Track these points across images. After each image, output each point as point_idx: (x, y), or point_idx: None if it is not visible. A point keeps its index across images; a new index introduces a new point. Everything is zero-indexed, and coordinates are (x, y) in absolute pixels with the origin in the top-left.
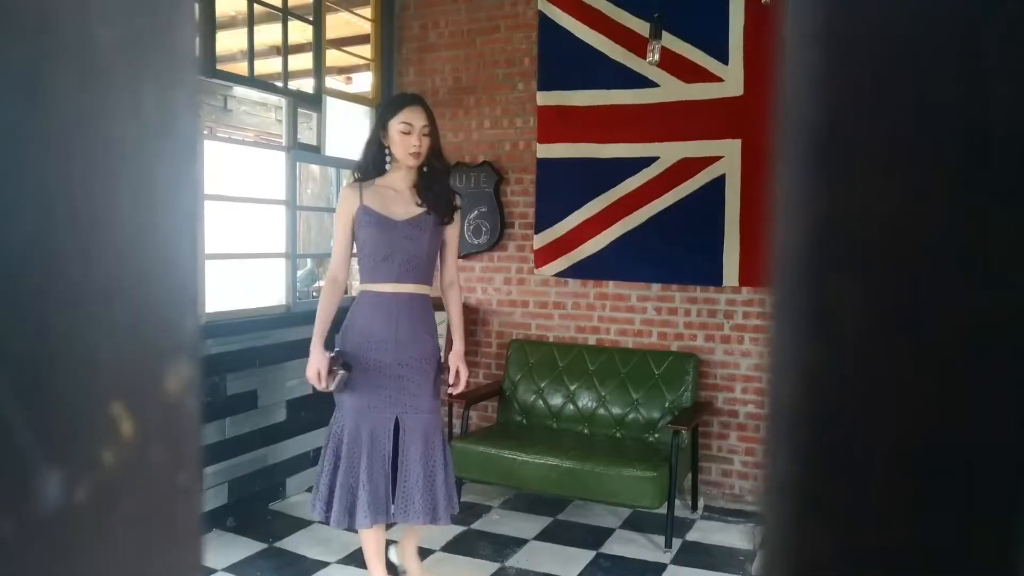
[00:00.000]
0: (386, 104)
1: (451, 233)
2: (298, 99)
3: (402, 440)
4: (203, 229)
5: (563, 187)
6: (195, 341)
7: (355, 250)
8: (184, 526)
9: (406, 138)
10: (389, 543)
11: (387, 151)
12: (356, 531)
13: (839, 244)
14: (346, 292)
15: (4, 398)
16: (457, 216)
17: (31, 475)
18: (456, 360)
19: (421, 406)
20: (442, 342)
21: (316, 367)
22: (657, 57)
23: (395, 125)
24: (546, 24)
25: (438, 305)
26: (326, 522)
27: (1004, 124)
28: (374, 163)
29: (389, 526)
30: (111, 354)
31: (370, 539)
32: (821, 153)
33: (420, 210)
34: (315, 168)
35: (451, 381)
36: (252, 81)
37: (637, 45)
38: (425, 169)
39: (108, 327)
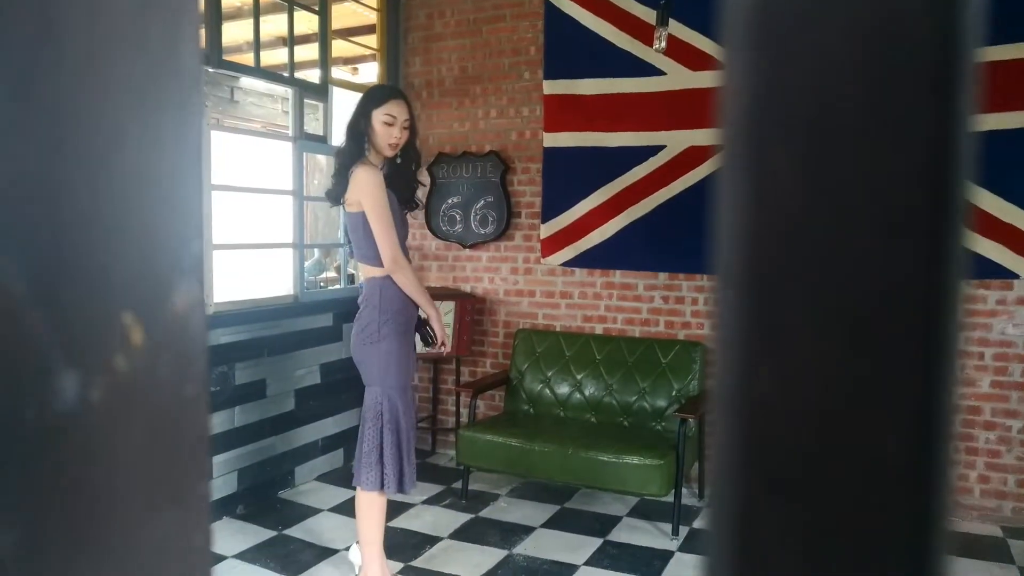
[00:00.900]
0: (368, 94)
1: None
2: (304, 89)
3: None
4: (210, 216)
5: (570, 176)
6: (199, 264)
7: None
8: (191, 434)
9: (388, 129)
10: (403, 532)
11: (366, 140)
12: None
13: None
14: (353, 281)
15: (25, 302)
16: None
17: (50, 372)
18: (436, 324)
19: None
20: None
21: (438, 320)
22: (664, 44)
23: (378, 116)
24: (552, 12)
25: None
26: (400, 492)
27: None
28: (356, 149)
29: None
30: (122, 269)
31: (382, 510)
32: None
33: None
34: (322, 160)
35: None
36: (258, 71)
37: (643, 33)
38: (398, 160)
39: (119, 245)
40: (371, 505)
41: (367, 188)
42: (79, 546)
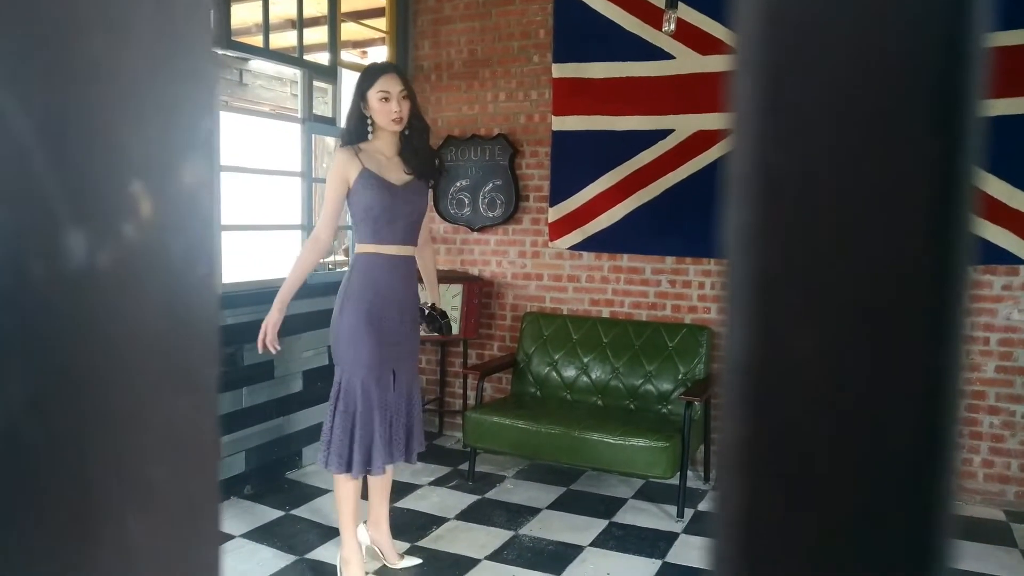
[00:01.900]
0: (361, 75)
1: (430, 196)
2: (313, 71)
3: (396, 389)
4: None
5: (578, 160)
6: (209, 142)
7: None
8: (202, 314)
9: (386, 105)
10: (406, 511)
11: (368, 120)
12: (345, 478)
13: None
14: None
15: (30, 143)
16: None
17: (58, 228)
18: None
19: (409, 358)
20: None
21: (273, 323)
22: (673, 27)
23: (373, 95)
24: None
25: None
26: (346, 472)
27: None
28: (357, 132)
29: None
30: (131, 135)
31: (351, 494)
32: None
33: (411, 176)
34: (331, 143)
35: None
36: (267, 53)
37: (653, 17)
38: (407, 133)
39: (130, 109)
40: (335, 486)
41: (329, 170)
42: (84, 410)
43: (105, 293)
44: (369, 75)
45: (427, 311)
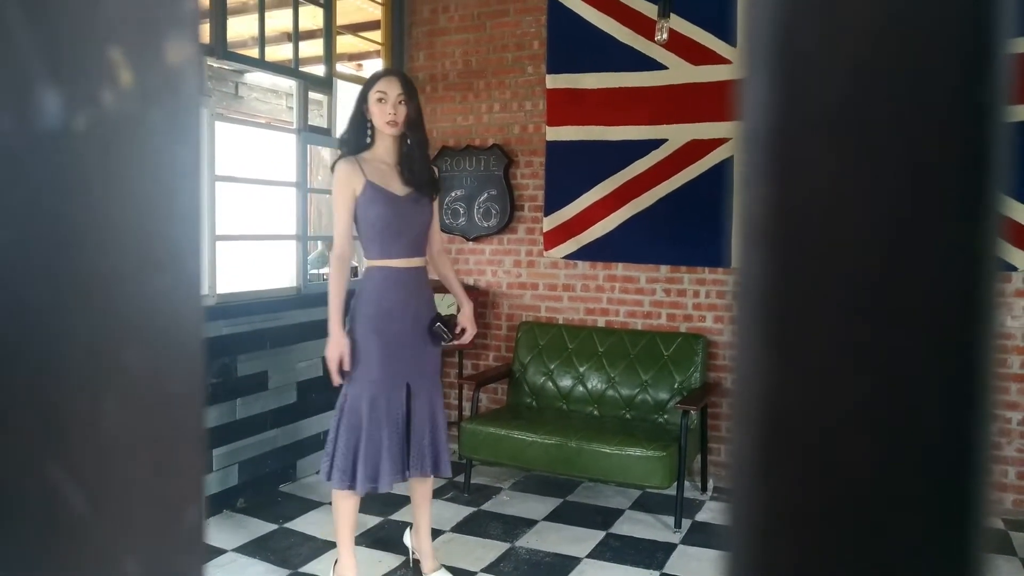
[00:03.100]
0: (365, 82)
1: (434, 205)
2: (309, 82)
3: (412, 403)
4: (213, 207)
5: (572, 169)
6: (194, 22)
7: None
8: (183, 200)
9: (382, 106)
10: (406, 525)
11: (369, 125)
12: (345, 495)
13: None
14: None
15: (8, 7)
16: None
17: (31, 83)
18: (466, 321)
19: (427, 371)
20: None
21: (340, 349)
22: (665, 36)
23: (372, 96)
24: (555, 8)
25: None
26: (350, 489)
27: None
28: (356, 137)
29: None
30: (113, 2)
31: (350, 509)
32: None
33: (407, 186)
34: (326, 155)
35: (465, 341)
36: (263, 63)
37: (646, 28)
38: (408, 142)
39: None
40: (334, 500)
41: (333, 183)
42: (55, 275)
43: (80, 158)
44: (372, 78)
45: (433, 325)
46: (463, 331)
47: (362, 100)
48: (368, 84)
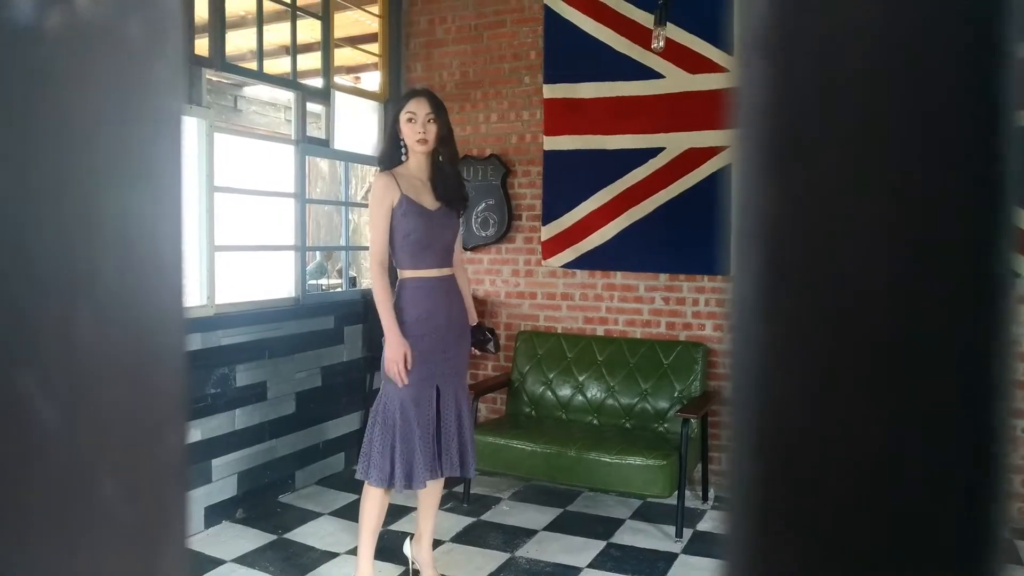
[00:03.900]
0: (397, 99)
1: (459, 219)
2: (307, 93)
3: (441, 405)
4: (212, 218)
5: (570, 179)
6: None
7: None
8: (165, 112)
9: (411, 126)
10: (406, 535)
11: (402, 143)
12: (376, 493)
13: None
14: (355, 284)
15: None
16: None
17: None
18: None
19: (454, 375)
20: None
21: (403, 349)
22: (662, 43)
23: (403, 116)
24: (552, 18)
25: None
26: (388, 486)
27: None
28: (389, 155)
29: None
30: None
31: (377, 508)
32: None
33: (441, 202)
34: (324, 167)
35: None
36: (261, 75)
37: (642, 37)
38: (440, 158)
39: None
40: (365, 495)
41: (371, 197)
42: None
43: (51, 60)
44: (402, 99)
45: (483, 334)
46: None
47: (394, 120)
48: (399, 103)
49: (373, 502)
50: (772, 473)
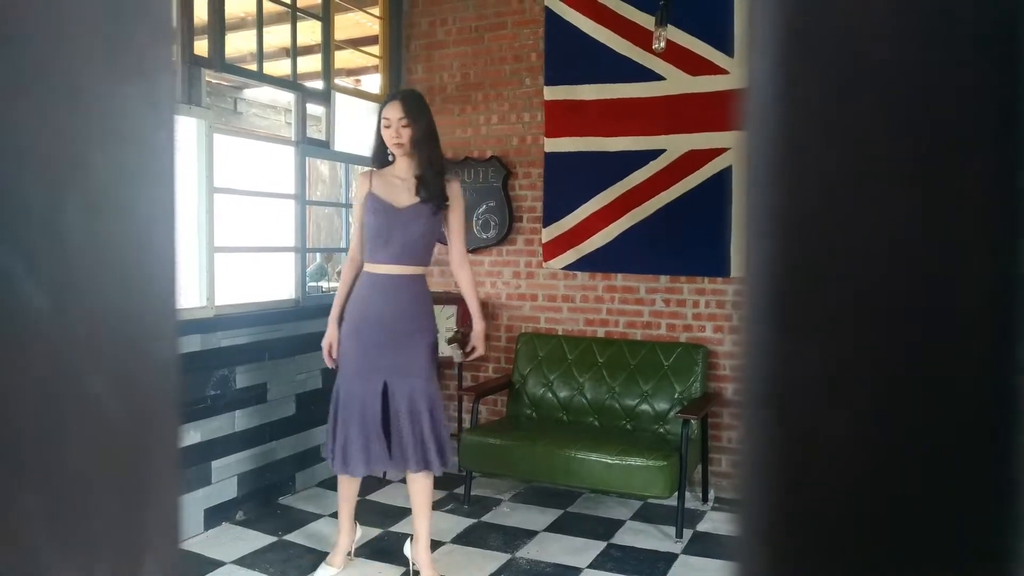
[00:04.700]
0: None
1: (452, 217)
2: (307, 94)
3: (391, 401)
4: (212, 219)
5: (571, 181)
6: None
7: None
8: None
9: (387, 131)
10: (406, 537)
11: (385, 145)
12: (341, 475)
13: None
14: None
15: None
16: (455, 202)
17: None
18: (476, 340)
19: (406, 371)
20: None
21: (330, 339)
22: (663, 44)
23: (381, 122)
24: (552, 19)
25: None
26: (339, 471)
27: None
28: (376, 157)
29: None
30: None
31: (344, 488)
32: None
33: (418, 199)
34: (324, 170)
35: (473, 357)
36: (261, 76)
37: (643, 39)
38: (425, 160)
39: None
40: (339, 482)
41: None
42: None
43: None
44: (382, 104)
45: (450, 344)
46: (473, 349)
47: (377, 124)
48: (380, 109)
49: (340, 486)
50: (781, 472)
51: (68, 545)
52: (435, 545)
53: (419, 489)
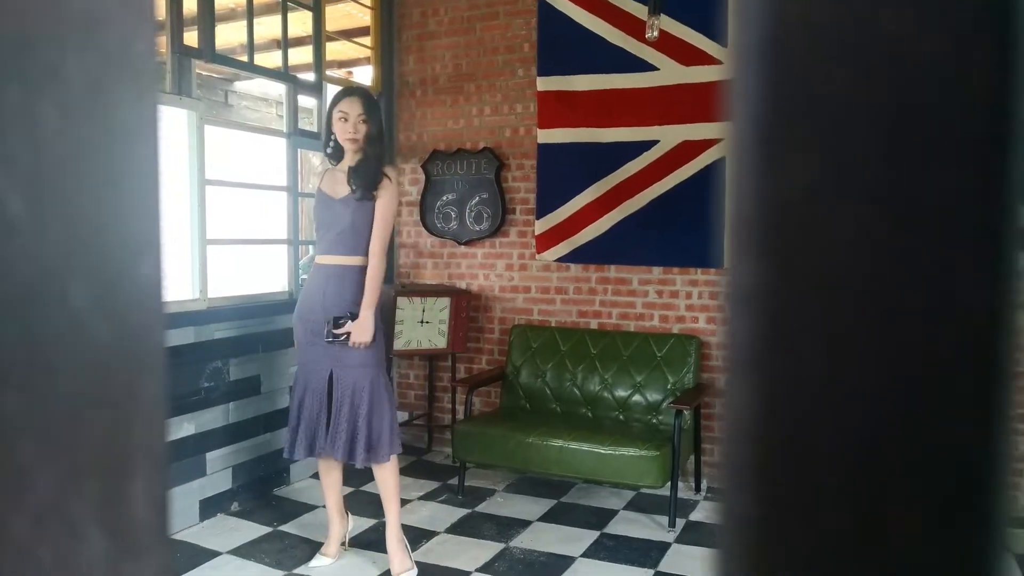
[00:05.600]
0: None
1: (378, 206)
2: (298, 85)
3: (335, 389)
4: (204, 211)
5: (564, 172)
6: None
7: None
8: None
9: (343, 125)
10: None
11: (332, 138)
12: (320, 466)
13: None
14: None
15: None
16: (384, 192)
17: None
18: (353, 327)
19: (348, 361)
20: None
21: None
22: (656, 33)
23: (335, 114)
24: (545, 9)
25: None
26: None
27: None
28: (337, 152)
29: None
30: None
31: (322, 475)
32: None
33: (349, 189)
34: (316, 162)
35: (350, 342)
36: (252, 67)
37: (636, 29)
38: (367, 153)
39: None
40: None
41: None
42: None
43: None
44: (335, 97)
45: (336, 319)
46: (347, 334)
47: (328, 118)
48: (332, 104)
49: (319, 468)
50: (766, 461)
51: (51, 447)
52: (428, 535)
53: (381, 478)
